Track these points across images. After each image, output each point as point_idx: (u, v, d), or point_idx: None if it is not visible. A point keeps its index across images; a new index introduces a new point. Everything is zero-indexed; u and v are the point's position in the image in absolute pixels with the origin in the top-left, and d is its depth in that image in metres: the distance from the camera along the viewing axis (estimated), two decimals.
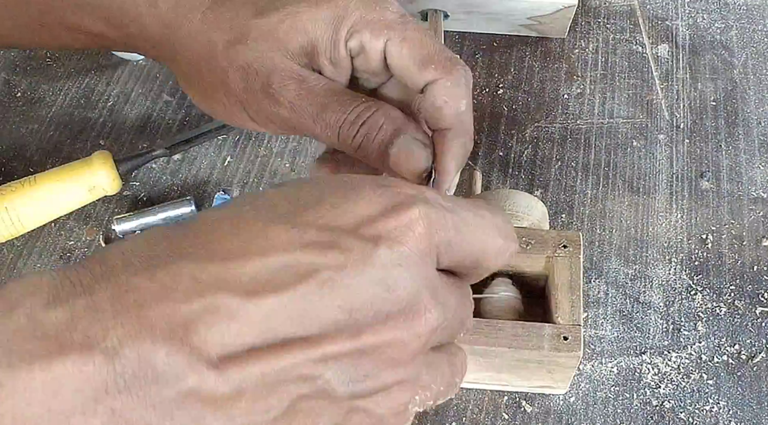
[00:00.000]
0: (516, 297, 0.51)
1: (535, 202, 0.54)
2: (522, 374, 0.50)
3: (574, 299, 0.48)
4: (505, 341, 0.47)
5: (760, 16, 0.74)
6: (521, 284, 0.52)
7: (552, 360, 0.47)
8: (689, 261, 0.59)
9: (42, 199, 0.59)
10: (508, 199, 0.53)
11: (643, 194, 0.62)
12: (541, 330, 0.47)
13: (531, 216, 0.53)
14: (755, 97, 0.68)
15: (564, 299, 0.48)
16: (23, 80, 0.71)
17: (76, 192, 0.60)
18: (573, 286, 0.49)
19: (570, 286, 0.49)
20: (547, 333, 0.47)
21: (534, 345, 0.47)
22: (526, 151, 0.65)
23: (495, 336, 0.47)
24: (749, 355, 0.54)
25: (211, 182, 0.64)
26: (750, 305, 0.56)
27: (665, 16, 0.74)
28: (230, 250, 0.28)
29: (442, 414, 0.52)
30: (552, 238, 0.51)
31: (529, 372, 0.49)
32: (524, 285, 0.52)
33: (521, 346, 0.47)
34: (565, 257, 0.50)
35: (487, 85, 0.70)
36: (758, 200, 0.62)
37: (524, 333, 0.47)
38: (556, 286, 0.49)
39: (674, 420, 0.52)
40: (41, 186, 0.59)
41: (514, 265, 0.51)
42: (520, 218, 0.52)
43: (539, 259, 0.50)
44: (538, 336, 0.47)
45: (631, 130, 0.66)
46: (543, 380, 0.50)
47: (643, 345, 0.55)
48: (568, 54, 0.72)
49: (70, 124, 0.68)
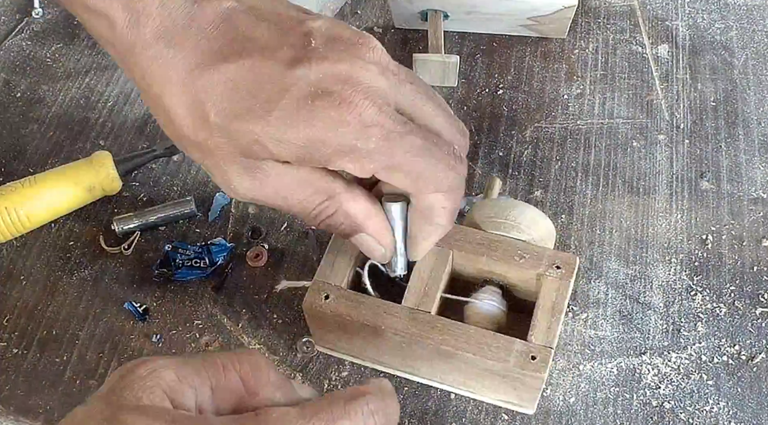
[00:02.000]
0: (500, 308, 0.50)
1: (542, 218, 0.53)
2: (487, 384, 0.49)
3: (553, 321, 0.48)
4: (471, 347, 0.47)
5: (760, 16, 0.74)
6: (512, 298, 0.52)
7: (516, 377, 0.47)
8: (689, 262, 0.59)
9: (42, 199, 0.59)
10: (514, 210, 0.53)
11: (643, 194, 0.62)
12: (511, 345, 0.47)
13: (533, 231, 0.52)
14: (755, 97, 0.68)
15: (543, 319, 0.48)
16: (23, 80, 0.71)
17: (76, 192, 0.60)
18: (555, 309, 0.48)
19: (552, 308, 0.48)
20: (516, 349, 0.47)
21: (500, 358, 0.46)
22: (526, 152, 0.65)
23: (463, 340, 0.47)
24: (749, 356, 0.54)
25: (210, 182, 0.64)
26: (750, 305, 0.56)
27: (665, 16, 0.74)
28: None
29: (442, 416, 0.52)
30: (547, 256, 0.50)
31: (495, 384, 0.49)
32: (516, 301, 0.52)
33: (486, 356, 0.46)
34: (556, 278, 0.49)
35: (487, 85, 0.70)
36: (758, 200, 0.62)
37: (493, 343, 0.47)
38: (539, 305, 0.48)
39: (674, 421, 0.52)
40: (41, 186, 0.59)
41: (506, 276, 0.51)
42: (520, 230, 0.52)
43: (530, 275, 0.50)
44: (506, 350, 0.47)
45: (631, 131, 0.66)
46: (508, 395, 0.50)
47: (643, 345, 0.55)
48: (568, 54, 0.72)
49: (70, 124, 0.68)
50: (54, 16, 0.76)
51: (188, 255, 0.59)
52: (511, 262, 0.50)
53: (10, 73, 0.72)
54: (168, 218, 0.61)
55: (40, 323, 0.57)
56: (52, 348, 0.56)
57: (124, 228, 0.60)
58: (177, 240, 0.60)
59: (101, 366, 0.55)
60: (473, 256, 0.51)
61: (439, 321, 0.48)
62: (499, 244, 0.51)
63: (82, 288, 0.59)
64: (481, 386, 0.50)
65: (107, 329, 0.57)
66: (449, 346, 0.47)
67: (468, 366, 0.48)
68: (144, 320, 0.57)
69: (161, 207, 0.61)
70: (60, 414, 0.53)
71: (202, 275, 0.58)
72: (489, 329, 0.48)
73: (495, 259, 0.50)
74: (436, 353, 0.48)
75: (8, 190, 0.59)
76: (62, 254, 0.61)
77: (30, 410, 0.54)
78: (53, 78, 0.71)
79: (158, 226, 0.61)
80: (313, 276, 0.50)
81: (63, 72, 0.72)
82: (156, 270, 0.58)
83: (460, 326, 0.48)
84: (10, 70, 0.72)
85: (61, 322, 0.57)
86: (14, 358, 0.56)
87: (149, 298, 0.58)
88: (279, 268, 0.59)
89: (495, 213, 0.53)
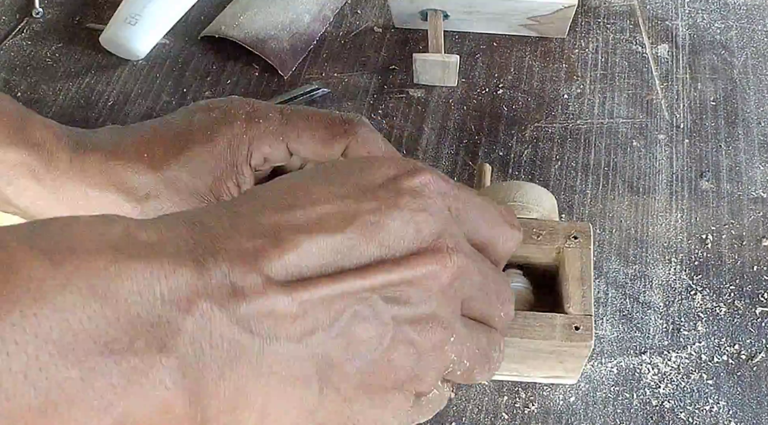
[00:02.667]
0: (527, 288, 0.51)
1: (544, 193, 0.54)
2: (533, 364, 0.50)
3: (585, 289, 0.48)
4: (516, 331, 0.47)
5: (760, 16, 0.74)
6: (531, 275, 0.52)
7: (563, 351, 0.48)
8: (689, 261, 0.59)
9: None
10: (519, 190, 0.53)
11: (643, 194, 0.62)
12: (553, 320, 0.47)
13: (540, 207, 0.53)
14: (755, 97, 0.68)
15: (575, 289, 0.48)
16: (23, 80, 0.71)
17: None
18: (584, 277, 0.49)
19: (581, 277, 0.49)
20: (558, 323, 0.47)
21: (545, 335, 0.47)
22: (526, 151, 0.65)
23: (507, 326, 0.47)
24: (749, 355, 0.54)
25: None
26: (750, 305, 0.56)
27: (665, 16, 0.74)
28: (283, 203, 0.34)
29: (442, 414, 0.52)
30: (563, 229, 0.51)
31: (540, 362, 0.49)
32: (534, 277, 0.52)
33: (532, 336, 0.47)
34: (576, 248, 0.50)
35: (487, 85, 0.70)
36: (758, 200, 0.62)
37: (535, 323, 0.47)
38: (567, 277, 0.49)
39: (674, 420, 0.52)
40: None
41: (524, 256, 0.51)
42: (529, 209, 0.52)
43: (550, 250, 0.51)
44: (550, 326, 0.47)
45: (631, 130, 0.66)
46: (554, 370, 0.50)
47: (643, 345, 0.55)
48: (568, 54, 0.72)
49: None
50: (54, 16, 0.76)
51: None
52: (529, 242, 0.51)
53: (10, 73, 0.72)
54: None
55: None
56: None
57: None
58: None
59: None
60: None
61: None
62: None
63: None
64: (526, 367, 0.50)
65: None
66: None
67: (513, 350, 0.48)
68: None
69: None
70: None
71: None
72: (523, 310, 0.49)
73: None
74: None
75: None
76: None
77: None
78: (53, 78, 0.71)
79: None
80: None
81: (63, 72, 0.72)
82: None
83: None
84: (10, 70, 0.72)
85: None
86: None
87: None
88: None
89: (501, 198, 0.53)
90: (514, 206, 0.52)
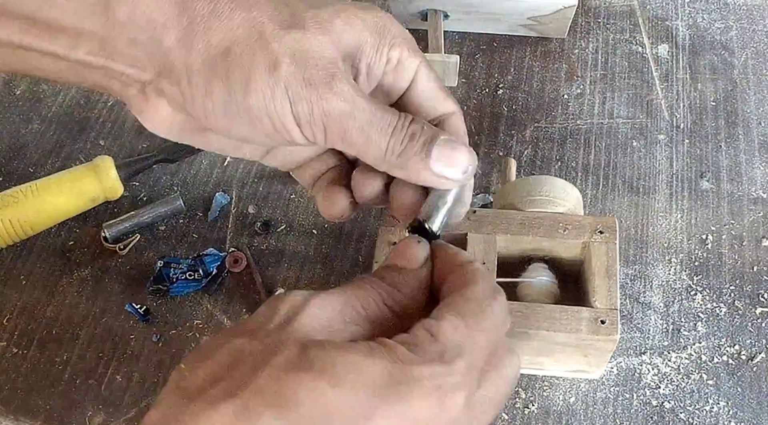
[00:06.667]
0: (552, 282, 0.51)
1: (570, 188, 0.54)
2: (558, 357, 0.50)
3: (611, 284, 0.49)
4: (543, 323, 0.47)
5: (760, 16, 0.74)
6: (556, 269, 0.52)
7: (589, 344, 0.48)
8: (689, 262, 0.59)
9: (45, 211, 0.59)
10: (545, 185, 0.54)
11: (643, 194, 0.62)
12: (579, 314, 0.48)
13: (567, 201, 0.53)
14: (755, 97, 0.68)
15: (601, 284, 0.49)
16: (23, 80, 0.71)
17: (78, 203, 0.60)
18: (610, 271, 0.49)
19: (607, 271, 0.49)
20: (584, 317, 0.47)
21: (572, 328, 0.47)
22: (526, 151, 0.65)
23: (534, 318, 0.48)
24: (749, 356, 0.54)
25: (210, 182, 0.64)
26: (750, 305, 0.56)
27: (665, 16, 0.74)
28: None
29: None
30: (588, 224, 0.51)
31: (566, 356, 0.50)
32: (559, 270, 0.52)
33: (559, 329, 0.47)
34: (602, 243, 0.50)
35: (487, 85, 0.70)
36: (758, 200, 0.62)
37: (562, 316, 0.48)
38: (593, 271, 0.49)
39: (674, 421, 0.52)
40: (44, 196, 0.59)
41: (550, 250, 0.52)
42: (556, 204, 0.53)
43: (576, 245, 0.51)
44: (576, 320, 0.47)
45: (631, 130, 0.66)
46: (578, 364, 0.50)
47: (643, 345, 0.55)
48: (568, 54, 0.72)
49: (70, 124, 0.68)
50: None
51: (182, 268, 0.58)
52: (556, 236, 0.51)
53: (10, 73, 0.72)
54: (157, 216, 0.61)
55: (40, 323, 0.57)
56: (52, 348, 0.56)
57: (114, 233, 0.60)
58: (175, 240, 0.60)
59: (101, 366, 0.55)
60: (518, 237, 0.51)
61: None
62: (541, 221, 0.52)
63: (82, 288, 0.59)
64: (551, 361, 0.51)
65: (107, 329, 0.57)
66: (522, 327, 0.47)
67: (540, 344, 0.49)
68: (146, 320, 0.57)
69: (151, 207, 0.61)
70: (60, 414, 0.53)
71: (197, 287, 0.58)
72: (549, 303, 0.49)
73: (540, 236, 0.51)
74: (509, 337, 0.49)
75: (10, 199, 0.59)
76: (62, 254, 0.61)
77: (30, 410, 0.54)
78: None
79: (156, 226, 0.61)
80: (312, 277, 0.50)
81: None
82: (150, 287, 0.58)
83: (528, 306, 0.48)
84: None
85: (61, 322, 0.57)
86: (14, 358, 0.56)
87: (149, 298, 0.58)
88: (278, 267, 0.59)
89: (528, 192, 0.53)
90: (541, 200, 0.53)
